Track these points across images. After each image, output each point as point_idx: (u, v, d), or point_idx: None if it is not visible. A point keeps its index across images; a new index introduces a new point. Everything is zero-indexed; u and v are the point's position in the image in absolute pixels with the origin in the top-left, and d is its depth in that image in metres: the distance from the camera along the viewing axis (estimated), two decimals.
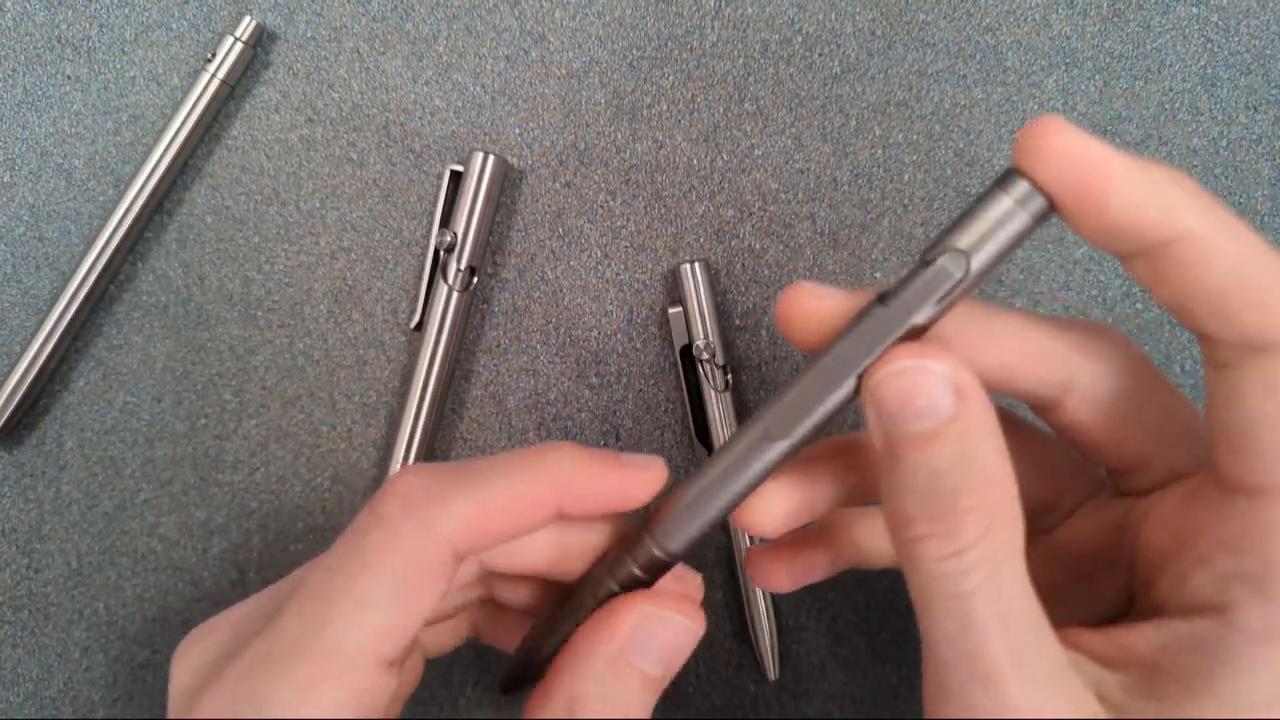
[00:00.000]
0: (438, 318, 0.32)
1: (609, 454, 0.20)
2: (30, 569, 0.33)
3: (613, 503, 0.20)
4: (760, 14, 0.34)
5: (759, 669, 0.32)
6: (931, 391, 0.17)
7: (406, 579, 0.18)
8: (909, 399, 0.17)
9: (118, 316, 0.34)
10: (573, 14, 0.34)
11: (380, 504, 0.19)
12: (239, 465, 0.33)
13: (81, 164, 0.34)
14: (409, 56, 0.34)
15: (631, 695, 0.20)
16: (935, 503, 0.17)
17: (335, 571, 0.18)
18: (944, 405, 0.17)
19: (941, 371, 0.17)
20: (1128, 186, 0.16)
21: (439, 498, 0.19)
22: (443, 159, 0.34)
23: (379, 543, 0.18)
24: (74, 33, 0.34)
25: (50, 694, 0.33)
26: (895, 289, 0.18)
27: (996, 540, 0.16)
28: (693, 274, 0.32)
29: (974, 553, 0.16)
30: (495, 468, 0.20)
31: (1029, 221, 0.17)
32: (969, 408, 0.17)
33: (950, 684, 0.17)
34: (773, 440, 0.19)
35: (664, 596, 0.20)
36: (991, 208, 0.17)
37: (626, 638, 0.19)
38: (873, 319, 0.18)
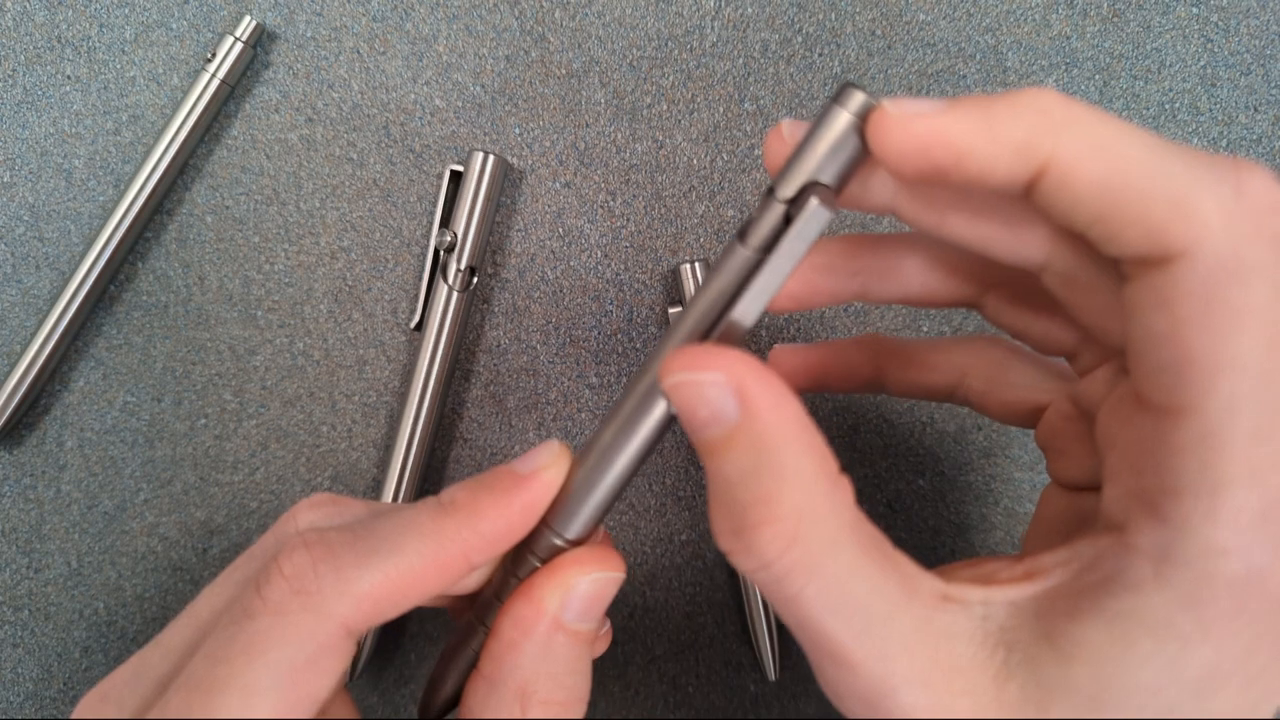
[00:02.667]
0: (438, 317, 0.32)
1: (501, 476, 0.19)
2: (30, 569, 0.33)
3: (520, 529, 0.19)
4: (760, 14, 0.34)
5: (759, 669, 0.32)
6: (712, 401, 0.16)
7: (295, 667, 0.17)
8: (692, 412, 0.17)
9: (118, 316, 0.34)
10: (572, 14, 0.34)
11: (267, 587, 0.18)
12: (239, 465, 0.33)
13: (81, 164, 0.34)
14: (409, 56, 0.34)
15: (574, 658, 0.19)
16: (733, 516, 0.16)
17: (220, 660, 0.17)
18: (726, 412, 0.16)
19: (716, 380, 0.16)
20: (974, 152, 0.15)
21: (332, 578, 0.17)
22: (443, 159, 0.34)
23: (265, 629, 0.17)
24: (74, 33, 0.34)
25: (50, 694, 0.33)
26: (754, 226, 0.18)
27: (804, 546, 0.16)
28: (693, 274, 0.32)
29: (780, 565, 0.16)
30: (395, 534, 0.18)
31: None
32: (754, 410, 0.16)
33: (814, 663, 0.17)
34: (660, 397, 0.18)
35: (584, 558, 0.20)
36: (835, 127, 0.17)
37: (556, 614, 0.19)
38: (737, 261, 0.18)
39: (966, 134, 0.16)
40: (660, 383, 0.17)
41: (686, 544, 0.33)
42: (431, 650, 0.33)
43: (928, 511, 0.33)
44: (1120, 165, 0.15)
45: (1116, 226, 0.15)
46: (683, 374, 0.17)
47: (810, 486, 0.16)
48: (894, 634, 0.16)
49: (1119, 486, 0.17)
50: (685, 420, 0.17)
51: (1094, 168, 0.15)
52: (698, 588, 0.33)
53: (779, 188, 0.17)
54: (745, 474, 0.16)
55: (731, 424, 0.16)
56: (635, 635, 0.33)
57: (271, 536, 0.21)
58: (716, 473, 0.17)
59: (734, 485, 0.16)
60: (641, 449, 0.19)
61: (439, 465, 0.34)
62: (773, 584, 0.16)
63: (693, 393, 0.17)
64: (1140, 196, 0.15)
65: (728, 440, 0.16)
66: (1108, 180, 0.15)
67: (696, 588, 0.33)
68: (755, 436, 0.16)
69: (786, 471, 0.16)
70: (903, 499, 0.33)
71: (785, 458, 0.16)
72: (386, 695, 0.33)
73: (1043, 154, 0.15)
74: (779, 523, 0.16)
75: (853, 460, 0.33)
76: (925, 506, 0.33)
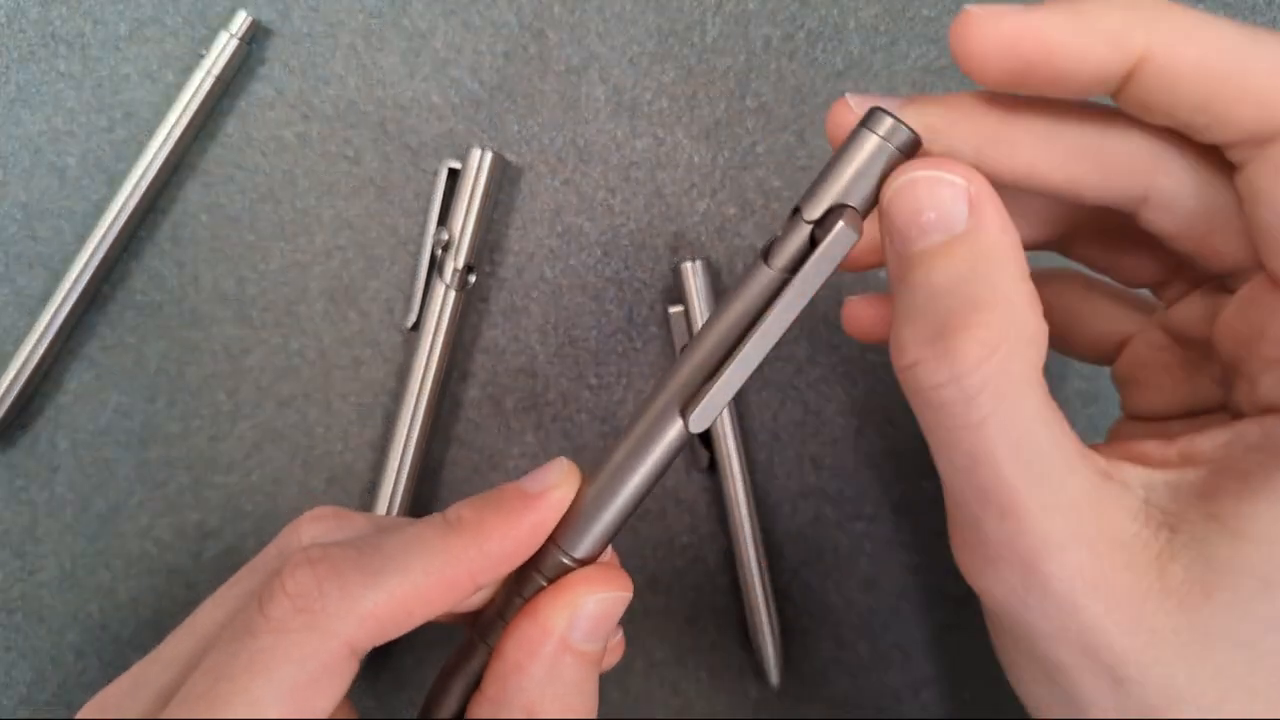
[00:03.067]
0: (434, 317, 0.32)
1: (510, 494, 0.19)
2: (23, 571, 0.33)
3: (527, 549, 0.19)
4: (762, 9, 0.34)
5: (761, 675, 0.32)
6: (942, 203, 0.16)
7: (298, 685, 0.17)
8: (917, 213, 0.16)
9: (111, 316, 0.33)
10: (571, 9, 0.34)
11: (270, 604, 0.17)
12: (233, 467, 0.33)
13: (75, 161, 0.34)
14: (406, 52, 0.34)
15: (581, 679, 0.19)
16: (933, 322, 0.16)
17: (223, 676, 0.17)
18: (956, 218, 0.16)
19: (955, 182, 0.16)
20: (1068, 45, 0.15)
21: (336, 597, 0.17)
22: (440, 156, 0.33)
23: (269, 647, 0.17)
24: (67, 29, 0.34)
25: (43, 697, 0.33)
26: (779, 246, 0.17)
27: (1004, 365, 0.15)
28: (694, 273, 0.32)
29: (977, 376, 0.15)
30: (400, 552, 0.18)
31: (901, 158, 0.17)
32: (984, 221, 0.16)
33: (966, 519, 0.16)
34: (674, 418, 0.18)
35: (592, 577, 0.19)
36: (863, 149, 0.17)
37: (563, 635, 0.19)
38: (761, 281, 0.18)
39: (1058, 27, 0.15)
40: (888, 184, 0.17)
41: (687, 547, 0.33)
42: (428, 655, 0.33)
43: (935, 514, 0.33)
44: (1219, 46, 0.15)
45: (1224, 106, 0.15)
46: (922, 172, 0.16)
47: (1021, 311, 0.16)
48: (1068, 491, 0.16)
49: (1276, 372, 0.16)
50: (904, 222, 0.16)
51: (1194, 51, 0.15)
52: (699, 592, 0.33)
53: (805, 209, 0.17)
54: (959, 281, 0.16)
55: (956, 231, 0.16)
56: (636, 640, 0.33)
57: (274, 550, 0.21)
58: (923, 281, 0.16)
59: (942, 293, 0.16)
60: (654, 470, 0.19)
61: (435, 467, 0.33)
62: (957, 404, 0.15)
63: (925, 191, 0.16)
64: (1244, 72, 0.15)
65: (947, 247, 0.16)
66: (1210, 61, 0.15)
67: (698, 592, 0.33)
68: (981, 248, 0.16)
69: (1003, 287, 0.16)
70: (908, 501, 0.33)
71: (1004, 276, 0.16)
72: (383, 700, 0.33)
73: (1139, 42, 0.15)
74: (987, 329, 0.15)
75: (858, 462, 0.33)
76: (933, 509, 0.33)
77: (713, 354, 0.18)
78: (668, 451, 0.19)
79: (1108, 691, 0.16)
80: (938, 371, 0.16)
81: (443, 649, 0.32)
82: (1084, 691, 0.16)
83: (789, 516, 0.33)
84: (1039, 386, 0.16)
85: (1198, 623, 0.15)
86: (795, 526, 0.33)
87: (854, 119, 0.18)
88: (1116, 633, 0.15)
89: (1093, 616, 0.16)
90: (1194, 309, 0.20)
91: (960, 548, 0.18)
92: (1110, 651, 0.16)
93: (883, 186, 0.17)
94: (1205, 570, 0.15)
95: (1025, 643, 0.17)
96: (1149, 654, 0.15)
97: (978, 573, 0.17)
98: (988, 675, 0.32)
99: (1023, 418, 0.16)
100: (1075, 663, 0.16)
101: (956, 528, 0.18)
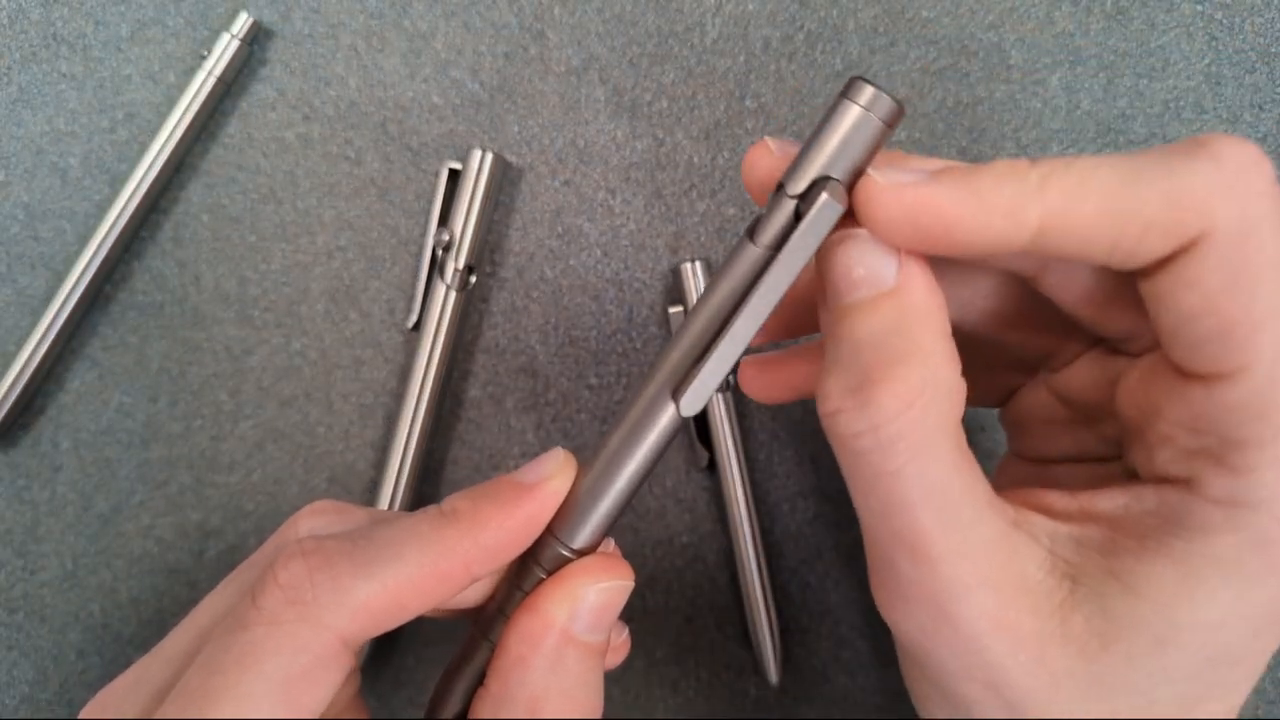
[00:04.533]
0: (435, 317, 0.32)
1: (505, 485, 0.19)
2: (25, 571, 0.33)
3: (523, 540, 0.19)
4: (762, 10, 0.34)
5: (760, 673, 0.32)
6: (873, 261, 0.17)
7: (290, 678, 0.17)
8: (849, 268, 0.17)
9: (113, 316, 0.33)
10: (572, 10, 0.34)
11: (263, 596, 0.17)
12: (235, 467, 0.33)
13: (77, 162, 0.34)
14: (406, 53, 0.34)
15: (586, 671, 0.19)
16: (855, 374, 0.16)
17: (215, 670, 0.17)
18: (884, 275, 0.16)
19: (881, 245, 0.17)
20: (963, 221, 0.16)
21: (328, 588, 0.17)
22: (440, 157, 0.34)
23: (260, 639, 0.17)
24: (69, 30, 0.34)
25: (45, 697, 0.33)
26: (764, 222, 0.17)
27: (920, 417, 0.16)
28: (694, 273, 0.32)
29: (892, 428, 0.16)
30: (394, 543, 0.18)
31: (884, 128, 0.17)
32: (910, 280, 0.16)
33: (882, 560, 0.17)
34: (666, 402, 0.18)
35: (592, 567, 0.19)
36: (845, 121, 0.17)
37: (565, 626, 0.19)
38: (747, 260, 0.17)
39: (955, 202, 0.16)
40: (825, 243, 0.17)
41: (687, 546, 0.33)
42: (429, 653, 0.33)
43: None
44: (1109, 194, 0.15)
45: (1128, 245, 0.16)
46: (857, 230, 0.17)
47: (941, 366, 0.16)
48: (979, 538, 0.16)
49: (1175, 448, 0.17)
50: (837, 276, 0.17)
51: (1087, 208, 0.15)
52: (698, 591, 0.33)
53: (789, 183, 0.17)
54: (881, 336, 0.16)
55: (884, 288, 0.16)
56: (635, 639, 0.33)
57: (272, 544, 0.21)
58: (849, 333, 0.17)
59: (866, 346, 0.16)
60: (650, 456, 0.19)
61: (436, 467, 0.33)
62: (875, 452, 0.16)
63: (857, 249, 0.17)
64: (1140, 209, 0.15)
65: (874, 302, 0.16)
66: (1104, 212, 0.15)
67: (697, 590, 0.33)
68: (906, 304, 0.16)
69: (925, 343, 0.16)
70: None
71: (926, 332, 0.16)
72: (384, 699, 0.33)
73: (1033, 215, 0.16)
74: (904, 383, 0.16)
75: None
76: None
77: (702, 336, 0.18)
78: (662, 437, 0.18)
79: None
80: (857, 421, 0.16)
81: (443, 647, 0.32)
82: None
83: (789, 516, 0.33)
84: (954, 437, 0.16)
85: (1095, 670, 0.16)
86: (795, 526, 0.33)
87: (772, 162, 0.18)
88: (1019, 673, 0.16)
89: (997, 656, 0.16)
90: (1083, 373, 0.21)
91: (877, 587, 0.18)
92: (1013, 689, 0.16)
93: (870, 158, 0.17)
94: (1104, 622, 0.16)
95: (934, 677, 0.18)
96: (1049, 694, 0.16)
97: (892, 612, 0.18)
98: None
99: (937, 467, 0.16)
100: (980, 698, 0.17)
101: (874, 568, 0.18)
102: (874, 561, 0.18)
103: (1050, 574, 0.17)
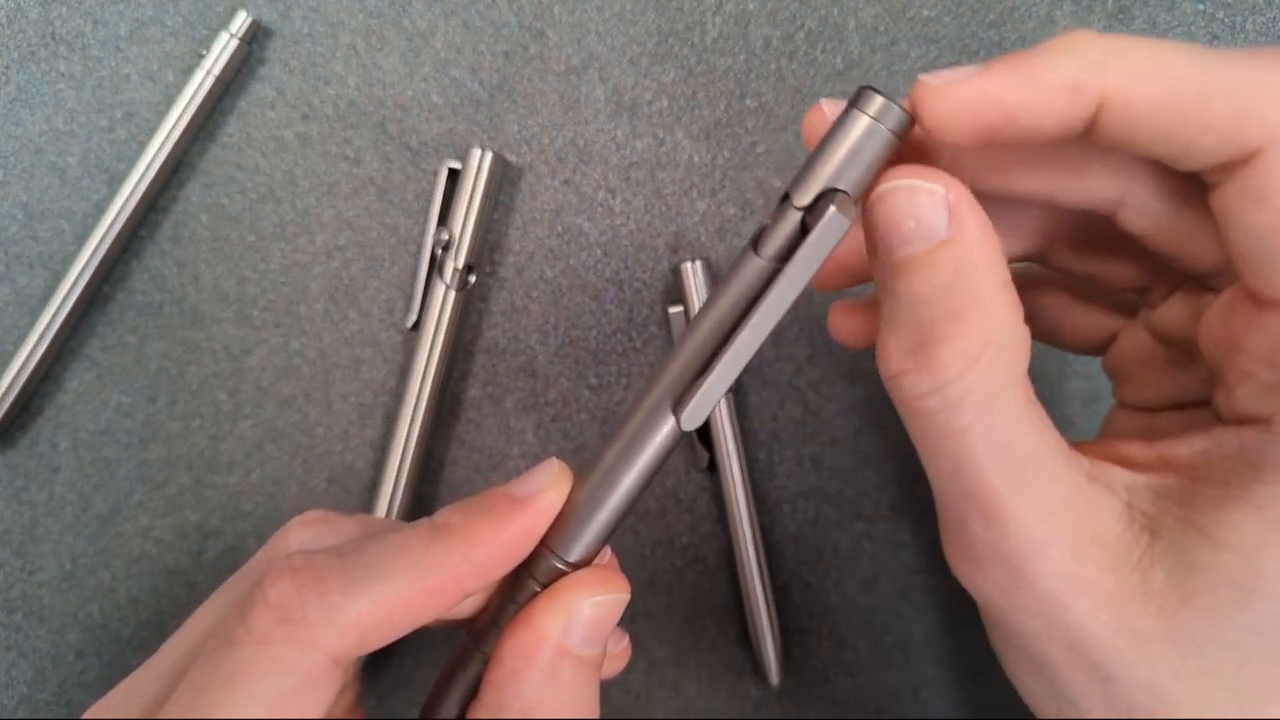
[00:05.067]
0: (434, 317, 0.32)
1: (498, 499, 0.19)
2: (24, 571, 0.33)
3: (516, 555, 0.19)
4: (762, 9, 0.34)
5: (761, 674, 0.32)
6: (923, 212, 0.16)
7: (281, 698, 0.17)
8: (897, 221, 0.16)
9: (111, 316, 0.33)
10: (572, 9, 0.34)
11: (251, 614, 0.17)
12: (234, 467, 0.33)
13: (75, 161, 0.34)
14: (406, 52, 0.34)
15: (580, 685, 0.19)
16: (915, 333, 0.16)
17: (204, 689, 0.17)
18: (936, 226, 0.16)
19: (934, 190, 0.16)
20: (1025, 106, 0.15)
21: (317, 606, 0.17)
22: (440, 156, 0.33)
23: (249, 659, 0.17)
24: (68, 29, 0.34)
25: (44, 697, 0.33)
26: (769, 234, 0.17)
27: (985, 373, 0.15)
28: (694, 273, 0.32)
29: (958, 386, 0.15)
30: (385, 559, 0.18)
31: (894, 139, 0.16)
32: (964, 229, 0.16)
33: (954, 522, 0.17)
34: (666, 415, 0.18)
35: (587, 580, 0.19)
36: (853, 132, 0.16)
37: (559, 640, 0.18)
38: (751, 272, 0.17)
39: (1013, 88, 0.15)
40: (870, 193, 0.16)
41: (687, 547, 0.33)
42: (428, 656, 0.33)
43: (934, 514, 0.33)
44: (1176, 79, 0.15)
45: (1188, 139, 0.15)
46: (902, 180, 0.16)
47: (1002, 319, 0.16)
48: (1051, 493, 0.16)
49: (1255, 383, 0.16)
50: (886, 230, 0.16)
51: (1152, 89, 0.15)
52: (699, 591, 0.33)
53: (795, 195, 0.17)
54: (940, 290, 0.16)
55: (936, 240, 0.16)
56: (636, 640, 0.33)
57: (263, 556, 0.20)
58: (905, 290, 0.16)
59: (923, 303, 0.16)
60: (648, 469, 0.18)
61: (436, 467, 0.33)
62: (940, 413, 0.16)
63: (905, 200, 0.16)
64: (1203, 104, 0.15)
65: (928, 256, 0.16)
66: (1169, 97, 0.15)
67: (698, 591, 0.33)
68: (961, 256, 0.16)
69: (984, 295, 0.16)
70: (908, 501, 0.33)
71: (985, 284, 0.16)
72: (383, 699, 0.33)
73: (1095, 90, 0.15)
74: (967, 340, 0.15)
75: (858, 462, 0.33)
76: (932, 509, 0.33)
77: (704, 348, 0.18)
78: (660, 450, 0.18)
79: (1096, 689, 0.16)
80: (920, 382, 0.16)
81: (443, 649, 0.32)
82: (1073, 688, 0.16)
83: (789, 516, 0.33)
84: (1022, 391, 0.16)
85: (1178, 626, 0.16)
86: (795, 526, 0.33)
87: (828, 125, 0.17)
88: (1103, 632, 0.16)
89: (1078, 615, 0.16)
90: (1176, 310, 0.20)
91: (951, 550, 0.18)
92: (1096, 649, 0.16)
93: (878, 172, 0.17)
94: (1186, 576, 0.16)
95: (1016, 639, 0.17)
96: (1133, 654, 0.16)
97: (968, 574, 0.17)
98: (988, 675, 0.32)
99: (1005, 423, 0.16)
100: (1063, 660, 0.16)
101: (946, 531, 0.18)
102: (946, 524, 0.18)
103: (1128, 528, 0.16)
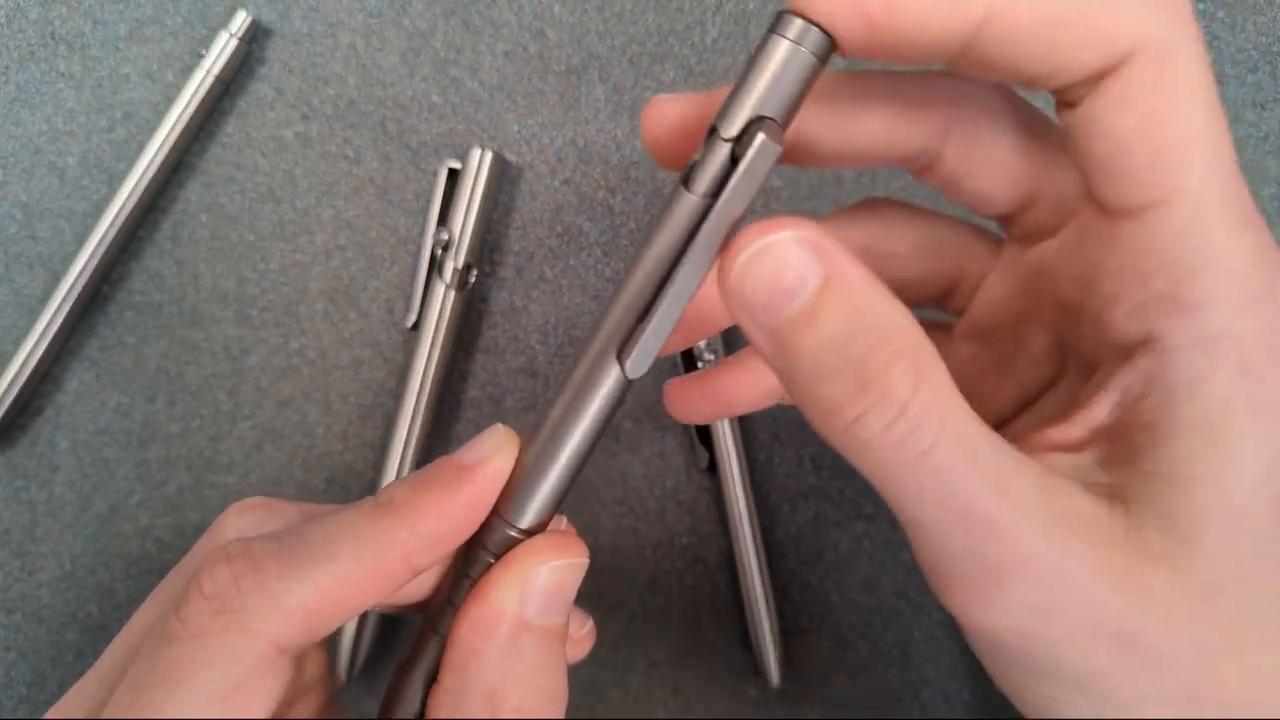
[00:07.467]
0: (434, 317, 0.32)
1: (444, 468, 0.18)
2: (23, 571, 0.33)
3: (466, 526, 0.18)
4: (762, 8, 0.34)
5: (761, 674, 0.32)
6: (795, 261, 0.15)
7: (224, 692, 0.16)
8: (777, 278, 0.15)
9: (111, 316, 0.33)
10: (572, 9, 0.34)
11: (186, 608, 0.16)
12: (233, 467, 0.33)
13: (75, 161, 0.33)
14: (405, 52, 0.34)
15: (544, 656, 0.18)
16: (852, 374, 0.15)
17: (142, 689, 0.16)
18: (812, 269, 0.15)
19: (796, 236, 0.15)
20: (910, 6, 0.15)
21: (256, 594, 0.16)
22: (440, 155, 0.33)
23: (187, 655, 0.16)
24: (67, 29, 0.34)
25: (43, 698, 0.33)
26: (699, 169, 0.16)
27: (934, 386, 0.15)
28: None
29: (916, 404, 0.15)
30: (327, 540, 0.17)
31: (816, 62, 0.16)
32: (835, 260, 0.15)
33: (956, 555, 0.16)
34: (611, 364, 0.17)
35: (541, 546, 0.18)
36: (775, 57, 0.16)
37: (517, 612, 0.18)
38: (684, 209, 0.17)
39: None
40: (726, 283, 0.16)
41: (687, 548, 0.33)
42: None
43: None
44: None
45: (1066, 53, 0.15)
46: (755, 243, 0.15)
47: (912, 327, 0.15)
48: (1025, 487, 0.15)
49: (1126, 305, 0.16)
50: (767, 296, 0.16)
51: (1032, 3, 0.15)
52: (699, 592, 0.33)
53: (722, 126, 0.16)
54: (851, 323, 0.15)
55: (817, 283, 0.15)
56: (636, 641, 0.33)
57: (200, 547, 0.20)
58: (815, 341, 0.15)
59: (845, 343, 0.15)
60: (597, 423, 0.18)
61: None
62: (911, 434, 0.15)
63: (773, 258, 0.15)
64: (1082, 15, 0.15)
65: (821, 300, 0.15)
66: (1049, 10, 0.15)
67: (698, 592, 0.33)
68: (849, 285, 0.15)
69: (888, 311, 0.15)
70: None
71: (881, 301, 0.15)
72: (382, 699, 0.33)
73: (980, 4, 0.15)
74: (907, 355, 0.15)
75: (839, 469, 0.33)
76: None
77: (643, 292, 0.17)
78: (608, 402, 0.17)
79: (1149, 679, 0.16)
80: (885, 412, 0.15)
81: None
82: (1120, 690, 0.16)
83: (789, 516, 0.33)
84: (962, 399, 0.16)
85: (1194, 580, 0.15)
86: (795, 526, 0.33)
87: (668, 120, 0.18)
88: (1136, 614, 0.15)
89: (1115, 609, 0.15)
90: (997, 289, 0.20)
91: (957, 589, 0.17)
92: (1141, 635, 0.15)
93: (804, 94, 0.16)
94: (1175, 524, 0.15)
95: (1045, 664, 0.16)
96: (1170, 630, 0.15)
97: (984, 606, 0.16)
98: (988, 675, 0.32)
99: (964, 430, 0.15)
100: (1105, 662, 0.16)
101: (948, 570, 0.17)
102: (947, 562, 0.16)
103: (1099, 504, 0.16)
